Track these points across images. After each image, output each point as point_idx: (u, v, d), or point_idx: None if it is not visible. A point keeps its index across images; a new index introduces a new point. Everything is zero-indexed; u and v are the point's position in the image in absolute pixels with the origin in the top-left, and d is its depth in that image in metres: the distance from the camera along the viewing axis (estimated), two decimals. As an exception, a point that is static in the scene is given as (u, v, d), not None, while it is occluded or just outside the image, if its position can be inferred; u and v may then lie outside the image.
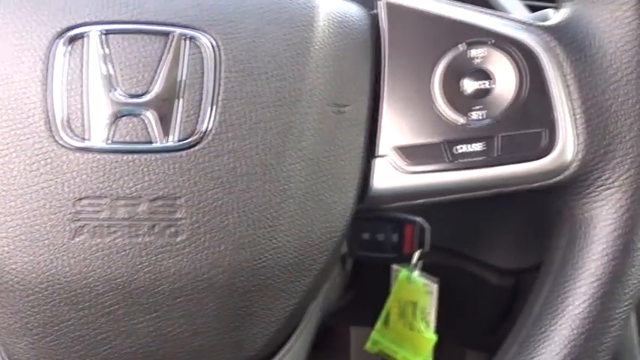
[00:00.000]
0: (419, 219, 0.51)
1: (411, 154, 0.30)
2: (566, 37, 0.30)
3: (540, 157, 0.29)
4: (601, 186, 0.29)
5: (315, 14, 0.29)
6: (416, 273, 0.51)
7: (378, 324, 0.53)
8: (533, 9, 0.58)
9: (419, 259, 0.51)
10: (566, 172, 0.29)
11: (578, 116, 0.29)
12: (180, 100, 0.26)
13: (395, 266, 0.53)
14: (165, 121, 0.26)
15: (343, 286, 0.54)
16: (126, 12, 0.27)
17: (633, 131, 0.28)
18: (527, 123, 0.29)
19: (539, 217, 0.41)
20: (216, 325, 0.27)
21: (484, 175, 0.30)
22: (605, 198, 0.29)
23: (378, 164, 0.30)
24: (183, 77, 0.26)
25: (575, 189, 0.30)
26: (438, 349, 0.52)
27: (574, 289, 0.29)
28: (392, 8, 0.31)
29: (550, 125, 0.29)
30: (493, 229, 0.56)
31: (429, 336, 0.51)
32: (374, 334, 0.53)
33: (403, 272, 0.51)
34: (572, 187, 0.30)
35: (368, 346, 0.53)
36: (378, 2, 0.32)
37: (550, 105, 0.29)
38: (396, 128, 0.30)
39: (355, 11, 0.31)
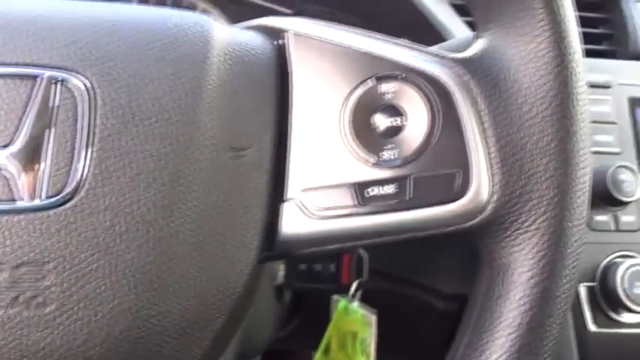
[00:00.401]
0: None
1: (321, 197, 0.28)
2: (480, 70, 0.28)
3: (454, 200, 0.27)
4: (518, 229, 0.27)
5: (210, 49, 0.27)
6: (355, 303, 0.49)
7: (318, 354, 0.51)
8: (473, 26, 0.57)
9: (357, 289, 0.49)
10: (482, 215, 0.27)
11: (492, 155, 0.27)
12: (49, 151, 0.24)
13: (335, 296, 0.51)
14: (31, 176, 0.23)
15: (280, 318, 0.52)
16: None
17: (549, 171, 0.27)
18: (440, 163, 0.28)
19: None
20: None
21: (396, 219, 0.28)
22: (522, 242, 0.27)
23: (286, 209, 0.28)
24: (53, 125, 0.24)
25: (492, 232, 0.28)
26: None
27: (492, 341, 0.27)
28: (300, 39, 0.29)
29: (464, 165, 0.27)
30: (435, 255, 0.54)
31: (369, 368, 0.49)
32: (313, 365, 0.51)
33: (342, 302, 0.50)
34: (489, 230, 0.28)
35: (308, 378, 0.51)
36: (285, 33, 0.29)
37: (463, 144, 0.27)
38: (305, 169, 0.28)
39: (258, 43, 0.29)
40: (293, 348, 0.72)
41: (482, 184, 0.27)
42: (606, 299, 0.46)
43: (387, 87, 0.28)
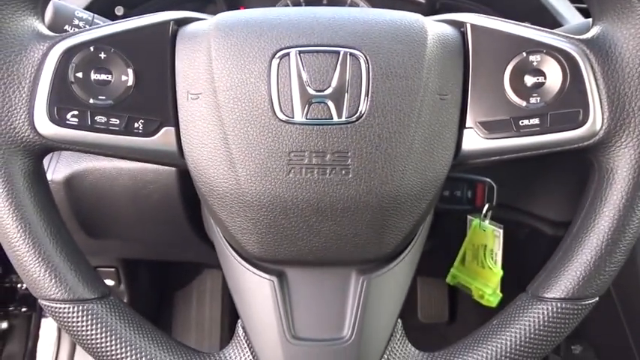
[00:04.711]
0: (488, 179, 0.66)
1: (489, 126, 0.46)
2: (596, 47, 0.44)
3: (578, 128, 0.44)
4: (619, 146, 0.44)
5: (426, 35, 0.45)
6: (486, 221, 0.66)
7: (456, 263, 0.68)
8: (581, 10, 0.72)
9: (488, 210, 0.66)
10: (596, 138, 0.44)
11: (604, 100, 0.44)
12: (347, 93, 0.43)
13: (469, 217, 0.68)
14: (339, 106, 0.43)
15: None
16: (312, 39, 0.43)
17: None
18: (569, 105, 0.44)
19: (585, 176, 0.55)
20: (369, 230, 0.44)
21: (540, 140, 0.45)
22: (622, 154, 0.44)
23: (466, 133, 0.46)
24: (348, 79, 0.43)
25: (601, 149, 0.44)
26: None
27: (601, 212, 0.44)
28: (474, 28, 0.46)
29: (585, 106, 0.44)
30: (547, 188, 0.70)
31: (497, 271, 0.65)
32: (453, 270, 0.69)
33: (475, 221, 0.67)
34: (599, 147, 0.44)
35: (448, 279, 0.69)
36: (465, 24, 0.47)
37: (585, 93, 0.44)
38: (479, 109, 0.46)
39: (450, 31, 0.47)
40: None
41: (597, 118, 0.44)
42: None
43: (534, 58, 0.45)
